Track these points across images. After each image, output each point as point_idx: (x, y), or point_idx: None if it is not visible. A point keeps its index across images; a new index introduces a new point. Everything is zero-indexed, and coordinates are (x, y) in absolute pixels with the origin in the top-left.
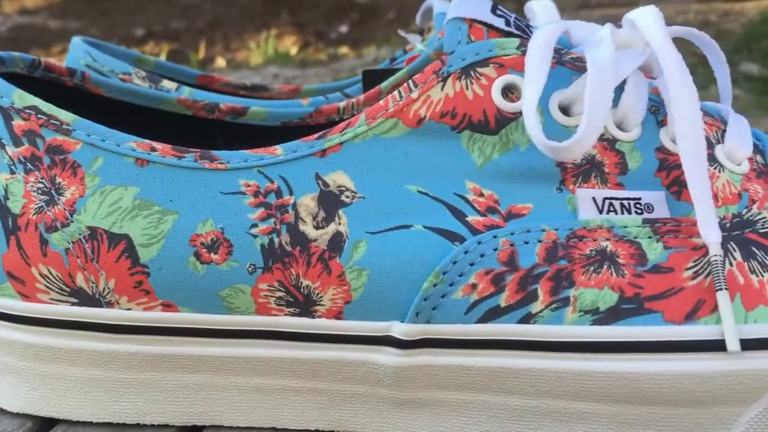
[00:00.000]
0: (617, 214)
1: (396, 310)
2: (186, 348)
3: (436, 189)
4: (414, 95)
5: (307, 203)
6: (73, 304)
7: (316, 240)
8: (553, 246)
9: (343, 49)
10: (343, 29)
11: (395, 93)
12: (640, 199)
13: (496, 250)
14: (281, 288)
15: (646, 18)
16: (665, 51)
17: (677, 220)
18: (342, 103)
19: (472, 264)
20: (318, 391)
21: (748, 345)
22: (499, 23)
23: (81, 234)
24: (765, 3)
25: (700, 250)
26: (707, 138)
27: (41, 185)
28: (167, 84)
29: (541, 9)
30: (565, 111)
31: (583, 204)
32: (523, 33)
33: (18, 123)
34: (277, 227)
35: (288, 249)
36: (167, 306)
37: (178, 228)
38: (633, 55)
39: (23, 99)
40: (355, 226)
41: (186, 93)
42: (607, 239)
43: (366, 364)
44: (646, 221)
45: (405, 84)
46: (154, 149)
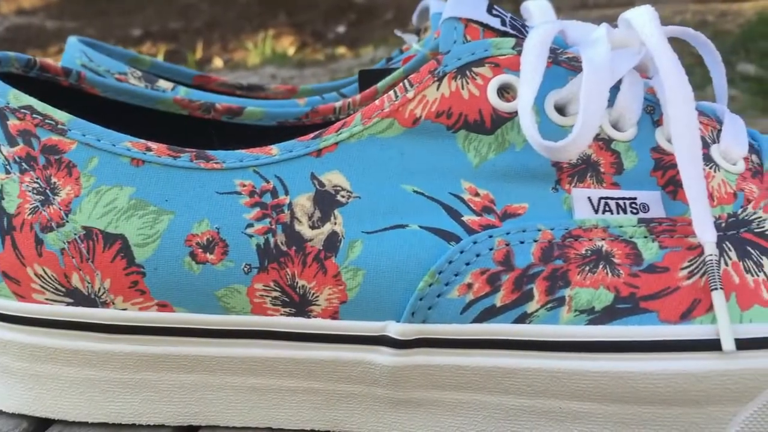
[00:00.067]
0: (613, 213)
1: (392, 309)
2: (182, 348)
3: (431, 189)
4: (410, 95)
5: (303, 203)
6: (69, 304)
7: (311, 240)
8: (549, 246)
9: (341, 50)
10: (341, 29)
11: (391, 93)
12: (635, 199)
13: (491, 249)
14: (277, 288)
15: (641, 18)
16: (661, 51)
17: (673, 219)
18: (338, 103)
19: (467, 264)
20: (314, 391)
21: (743, 344)
22: (495, 23)
23: (76, 234)
24: (762, 3)
25: (695, 249)
26: (703, 138)
27: (36, 185)
28: (163, 84)
29: (538, 9)
30: (561, 111)
31: (579, 204)
32: (519, 33)
33: (13, 123)
34: (273, 227)
35: (284, 249)
36: (163, 306)
37: (173, 228)
38: (629, 55)
39: (18, 99)
40: (351, 225)
41: (182, 93)
42: (603, 239)
43: (362, 363)
44: (641, 221)
45: (401, 84)
46: (149, 149)
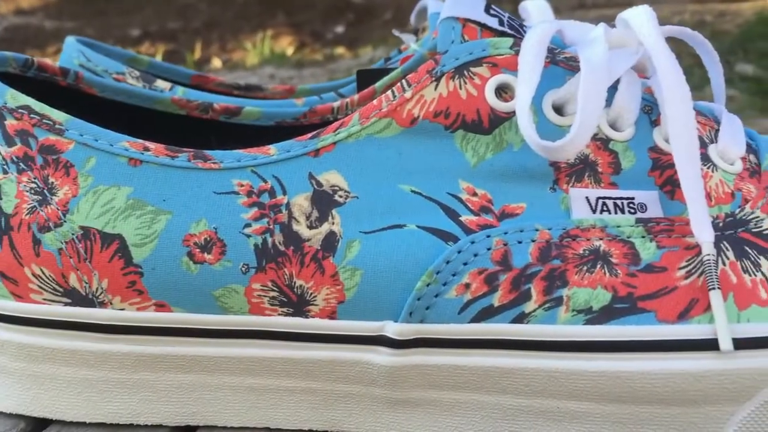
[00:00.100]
0: (610, 213)
1: (389, 309)
2: (179, 348)
3: (429, 188)
4: (407, 95)
5: (301, 203)
6: (66, 304)
7: (309, 240)
8: (547, 245)
9: (340, 50)
10: (340, 30)
11: (389, 93)
12: (633, 199)
13: (489, 249)
14: (275, 288)
15: (639, 18)
16: (658, 50)
17: (670, 219)
18: (336, 103)
19: (465, 263)
20: (312, 391)
21: (740, 344)
22: (493, 23)
23: (74, 234)
24: (760, 3)
25: (693, 249)
26: (700, 137)
27: (34, 185)
28: (161, 84)
29: (536, 9)
30: (559, 110)
31: (577, 203)
32: (517, 33)
33: (10, 123)
34: (271, 227)
35: (281, 249)
36: (160, 306)
37: (171, 228)
38: (626, 55)
39: (16, 99)
40: (349, 225)
41: (180, 93)
42: (601, 239)
43: (359, 363)
44: (639, 221)
45: (398, 83)
46: (147, 149)
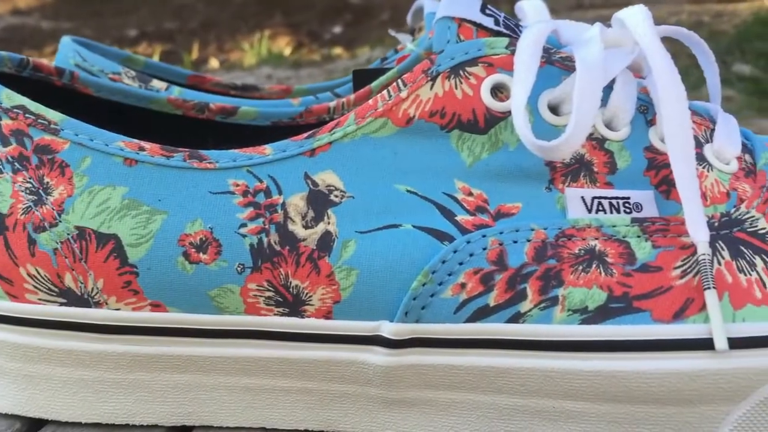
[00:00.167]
0: (606, 213)
1: (385, 309)
2: (175, 348)
3: (425, 188)
4: (403, 94)
5: (296, 203)
6: (62, 304)
7: (305, 239)
8: (542, 245)
9: (337, 50)
10: (337, 30)
11: (384, 92)
12: (628, 199)
13: (485, 249)
14: (270, 288)
15: (634, 17)
16: (654, 50)
17: (666, 219)
18: (332, 103)
19: (461, 263)
20: (307, 391)
21: (736, 344)
22: (489, 22)
23: (69, 234)
24: (758, 4)
25: (688, 249)
26: (696, 137)
27: (29, 185)
28: (157, 84)
29: (532, 9)
30: (554, 110)
31: (572, 203)
32: (513, 32)
33: (6, 122)
34: (266, 227)
35: (277, 249)
36: (156, 306)
37: (166, 228)
38: (622, 55)
39: (11, 98)
40: (344, 225)
41: (176, 93)
42: (596, 238)
43: (355, 363)
44: (634, 220)
45: (394, 83)
46: (142, 149)
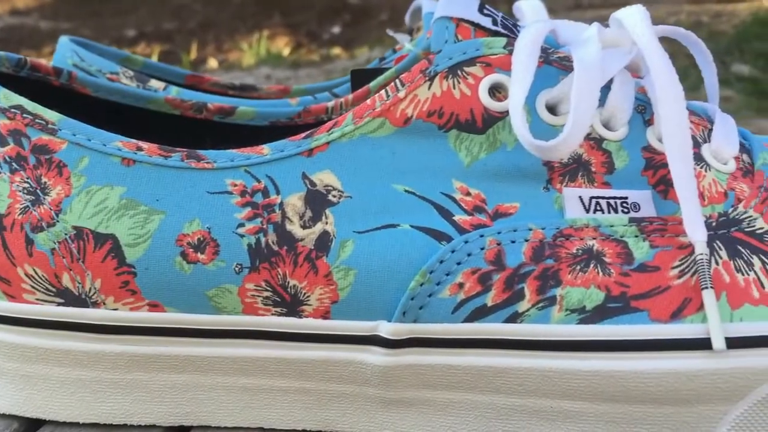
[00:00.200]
0: (604, 213)
1: (383, 309)
2: (173, 348)
3: (423, 188)
4: (401, 94)
5: (294, 203)
6: (59, 304)
7: (303, 239)
8: (540, 245)
9: (336, 50)
10: (336, 30)
11: (382, 92)
12: (626, 198)
13: (482, 249)
14: (268, 288)
15: (632, 17)
16: (652, 50)
17: (663, 219)
18: (330, 103)
19: (459, 263)
20: (305, 391)
21: (733, 343)
22: (486, 22)
23: (67, 234)
24: (757, 4)
25: (686, 248)
26: (694, 137)
27: (27, 185)
28: (155, 84)
29: (530, 9)
30: (552, 110)
31: (570, 203)
32: (511, 32)
33: (3, 122)
34: (264, 227)
35: (275, 248)
36: (154, 306)
37: (164, 228)
38: (620, 55)
39: (8, 98)
40: (342, 225)
41: (174, 93)
42: (594, 238)
43: (353, 363)
44: (632, 220)
45: (392, 83)
46: (140, 149)
